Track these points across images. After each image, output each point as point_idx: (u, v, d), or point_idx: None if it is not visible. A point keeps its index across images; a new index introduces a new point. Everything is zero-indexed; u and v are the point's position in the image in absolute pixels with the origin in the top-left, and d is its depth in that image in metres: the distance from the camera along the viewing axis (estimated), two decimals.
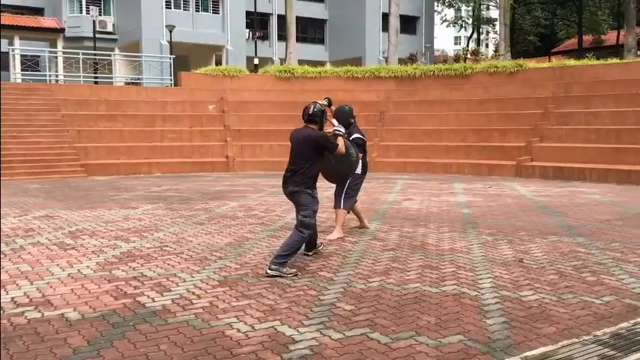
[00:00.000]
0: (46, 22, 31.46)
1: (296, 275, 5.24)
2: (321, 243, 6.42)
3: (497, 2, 37.51)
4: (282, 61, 29.06)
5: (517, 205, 10.29)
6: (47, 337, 3.78)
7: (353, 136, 7.07)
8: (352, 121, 7.22)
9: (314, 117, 5.64)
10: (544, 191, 12.38)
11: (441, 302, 4.54)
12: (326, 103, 6.62)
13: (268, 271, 5.26)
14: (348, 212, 7.45)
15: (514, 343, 3.72)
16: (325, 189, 8.21)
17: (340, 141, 5.75)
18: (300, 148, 5.56)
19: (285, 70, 22.50)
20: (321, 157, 5.64)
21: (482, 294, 4.75)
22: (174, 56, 24.78)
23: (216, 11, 32.78)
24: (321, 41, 40.88)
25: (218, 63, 31.04)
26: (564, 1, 42.90)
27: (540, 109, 18.00)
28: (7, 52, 23.26)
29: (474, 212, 9.36)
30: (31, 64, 24.23)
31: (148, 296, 4.66)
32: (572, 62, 20.80)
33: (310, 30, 40.23)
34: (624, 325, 4.05)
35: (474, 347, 3.64)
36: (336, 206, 7.22)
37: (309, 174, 5.53)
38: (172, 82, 23.33)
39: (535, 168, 15.80)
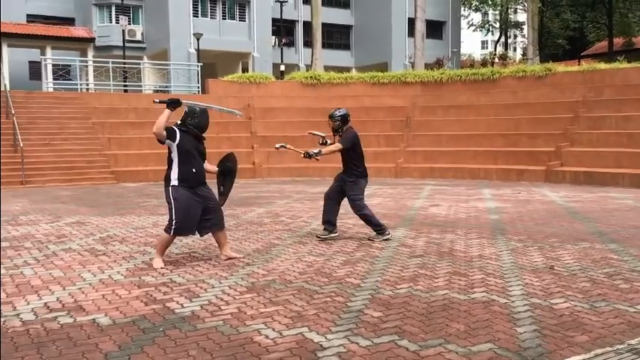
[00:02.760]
0: (77, 31, 32.13)
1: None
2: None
3: (525, 6, 37.09)
4: (308, 67, 29.18)
5: (547, 211, 10.14)
6: (79, 342, 3.84)
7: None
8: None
9: None
10: (575, 197, 12.18)
11: (470, 310, 4.49)
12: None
13: None
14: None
15: (546, 351, 3.65)
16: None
17: None
18: None
19: (311, 77, 22.57)
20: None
21: (512, 301, 4.69)
22: (201, 64, 25.08)
23: (242, 19, 33.11)
24: (347, 47, 40.97)
25: (244, 70, 31.33)
26: (594, 4, 42.23)
27: (570, 113, 17.73)
28: (40, 62, 23.84)
29: (503, 218, 9.25)
30: (62, 73, 24.74)
31: (177, 302, 4.71)
32: (602, 66, 20.44)
33: (336, 36, 40.34)
34: None
35: (504, 356, 3.59)
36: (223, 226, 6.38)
37: None
38: (200, 89, 23.59)
39: (565, 173, 15.54)
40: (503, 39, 52.22)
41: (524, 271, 5.72)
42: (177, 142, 5.84)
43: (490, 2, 45.71)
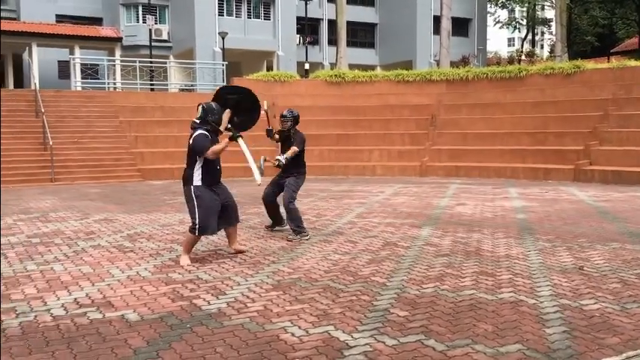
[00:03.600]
0: (105, 31, 32.54)
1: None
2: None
3: (552, 2, 36.57)
4: (333, 65, 29.15)
5: (575, 210, 9.98)
6: (109, 337, 3.89)
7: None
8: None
9: None
10: (604, 196, 11.97)
11: (498, 310, 4.44)
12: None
13: None
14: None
15: (576, 353, 3.60)
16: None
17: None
18: None
19: (336, 75, 22.54)
20: None
21: (541, 302, 4.62)
22: (226, 62, 25.23)
23: (267, 17, 33.19)
24: (372, 45, 40.80)
25: (269, 68, 31.41)
26: (623, 0, 41.40)
27: (599, 111, 17.42)
28: (69, 61, 24.23)
29: (530, 218, 9.13)
30: (90, 72, 25.09)
31: (204, 299, 4.74)
32: (632, 63, 20.00)
33: (360, 34, 40.19)
34: None
35: (533, 357, 3.54)
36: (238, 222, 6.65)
37: None
38: None
39: (594, 172, 15.28)
40: (530, 36, 51.51)
41: (553, 271, 5.63)
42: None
43: None
